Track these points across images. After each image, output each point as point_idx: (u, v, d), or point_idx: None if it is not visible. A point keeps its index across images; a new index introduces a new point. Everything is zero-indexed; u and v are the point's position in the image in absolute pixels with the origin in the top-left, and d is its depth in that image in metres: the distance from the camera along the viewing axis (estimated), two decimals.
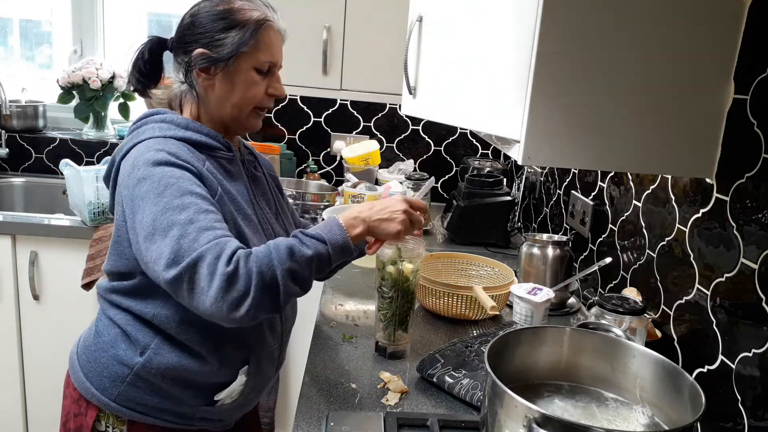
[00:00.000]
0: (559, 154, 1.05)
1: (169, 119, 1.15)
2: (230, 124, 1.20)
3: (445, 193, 2.84)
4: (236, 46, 1.13)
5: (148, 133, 1.12)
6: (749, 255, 1.03)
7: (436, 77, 1.39)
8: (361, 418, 1.08)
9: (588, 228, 1.75)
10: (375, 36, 2.32)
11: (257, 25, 1.15)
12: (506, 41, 1.08)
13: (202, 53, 1.14)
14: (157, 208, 1.00)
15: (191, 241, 0.97)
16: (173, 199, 1.00)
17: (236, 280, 0.95)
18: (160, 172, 1.03)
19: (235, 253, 0.97)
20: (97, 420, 1.15)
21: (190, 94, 1.18)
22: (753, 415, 1.00)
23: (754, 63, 1.02)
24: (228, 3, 1.15)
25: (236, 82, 1.16)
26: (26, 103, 2.78)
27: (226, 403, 1.19)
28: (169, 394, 1.14)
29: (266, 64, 1.17)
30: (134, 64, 1.21)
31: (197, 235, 0.97)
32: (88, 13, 2.79)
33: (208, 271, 0.95)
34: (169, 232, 0.98)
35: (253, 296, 0.96)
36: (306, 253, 1.02)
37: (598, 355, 1.02)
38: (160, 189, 1.01)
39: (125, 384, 1.12)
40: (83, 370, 1.17)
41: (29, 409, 2.28)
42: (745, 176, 1.04)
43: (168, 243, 0.97)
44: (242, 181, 1.21)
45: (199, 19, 1.15)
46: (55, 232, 2.14)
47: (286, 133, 2.82)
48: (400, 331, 1.33)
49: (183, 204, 1.00)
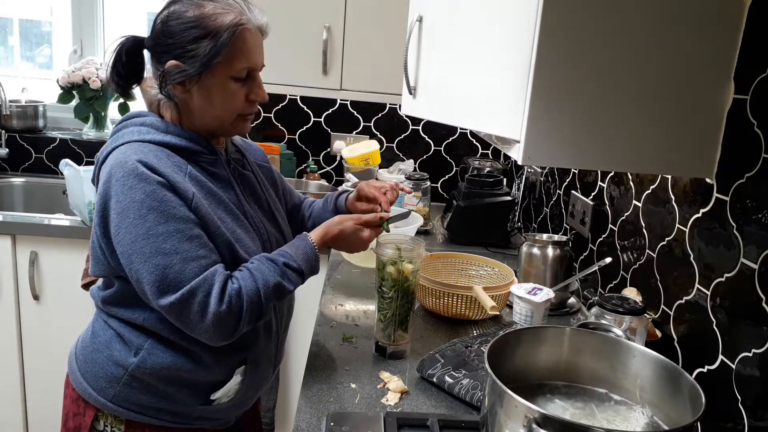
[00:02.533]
0: (559, 154, 1.05)
1: (149, 123, 1.12)
2: (215, 131, 1.17)
3: (445, 193, 2.84)
4: (208, 57, 1.06)
5: (127, 137, 1.09)
6: (749, 255, 1.03)
7: (436, 77, 1.39)
8: (361, 418, 1.08)
9: (588, 228, 1.75)
10: (375, 36, 2.32)
11: (230, 31, 1.07)
12: (506, 41, 1.08)
13: (175, 66, 1.08)
14: (138, 231, 1.02)
15: (177, 273, 1.01)
16: (156, 225, 1.02)
17: (229, 319, 1.05)
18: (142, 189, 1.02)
19: (224, 290, 1.04)
20: (95, 419, 1.16)
21: (168, 102, 1.13)
22: (753, 415, 1.00)
23: (754, 63, 1.02)
24: (199, 7, 1.07)
25: (213, 94, 1.10)
26: (26, 103, 2.78)
27: (222, 402, 1.19)
28: (165, 394, 1.14)
29: (244, 71, 1.11)
30: (113, 66, 1.14)
31: (182, 267, 1.02)
32: (88, 13, 2.79)
33: (199, 308, 1.02)
34: (152, 259, 1.01)
35: (242, 329, 1.08)
36: (289, 288, 1.12)
37: (598, 355, 1.02)
38: (142, 211, 1.01)
39: (121, 384, 1.12)
40: (81, 371, 1.17)
41: (29, 409, 2.28)
42: (745, 176, 1.04)
43: (149, 269, 1.01)
44: (229, 184, 1.18)
45: (170, 27, 1.08)
46: (55, 232, 2.14)
47: (286, 133, 2.82)
48: (400, 331, 1.33)
49: (167, 231, 1.02)
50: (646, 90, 1.03)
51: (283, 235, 1.30)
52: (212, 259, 1.06)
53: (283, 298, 1.13)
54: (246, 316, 1.06)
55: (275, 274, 1.10)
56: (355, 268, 1.88)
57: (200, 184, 1.11)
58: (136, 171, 1.03)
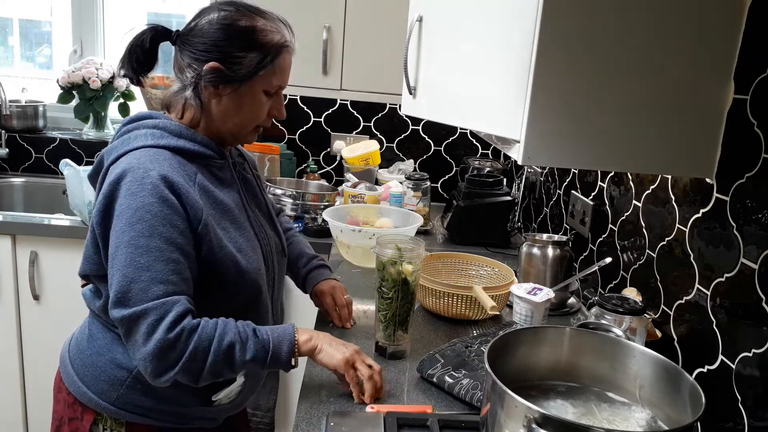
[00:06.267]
0: (559, 154, 1.05)
1: (162, 125, 1.11)
2: (227, 138, 1.19)
3: (445, 193, 2.84)
4: (254, 69, 1.11)
5: (141, 141, 1.09)
6: (749, 255, 1.03)
7: (436, 77, 1.39)
8: (361, 418, 1.08)
9: (588, 228, 1.75)
10: (375, 36, 2.32)
11: (277, 50, 1.13)
12: (506, 41, 1.08)
13: (216, 68, 1.10)
14: (123, 237, 1.01)
15: (140, 290, 0.99)
16: (140, 237, 1.00)
17: (171, 352, 1.00)
18: (142, 199, 1.01)
19: (179, 321, 1.00)
20: (94, 424, 1.15)
21: (193, 101, 1.13)
22: (753, 415, 1.00)
23: (754, 63, 1.02)
24: (251, 19, 1.11)
25: (244, 102, 1.14)
26: (26, 103, 2.78)
27: (223, 403, 1.19)
28: (167, 396, 1.13)
29: (276, 88, 1.17)
30: (131, 50, 1.14)
31: (148, 286, 0.99)
32: (88, 13, 2.79)
33: (146, 330, 0.99)
34: (124, 269, 1.00)
35: (176, 372, 1.01)
36: (243, 358, 1.05)
37: (598, 355, 1.02)
38: (133, 219, 1.01)
39: (124, 387, 1.12)
40: (78, 375, 1.16)
41: (29, 409, 2.28)
42: (745, 176, 1.04)
43: (119, 278, 1.00)
44: (235, 188, 1.21)
45: (218, 30, 1.10)
46: (55, 232, 2.14)
47: (286, 133, 2.82)
48: (400, 332, 1.33)
49: (148, 246, 1.00)
50: (646, 90, 1.03)
51: (280, 238, 1.33)
52: (181, 288, 1.03)
53: (232, 366, 1.05)
54: (188, 357, 1.00)
55: (232, 335, 1.04)
56: (355, 268, 1.88)
57: (207, 194, 1.11)
58: (147, 180, 1.02)
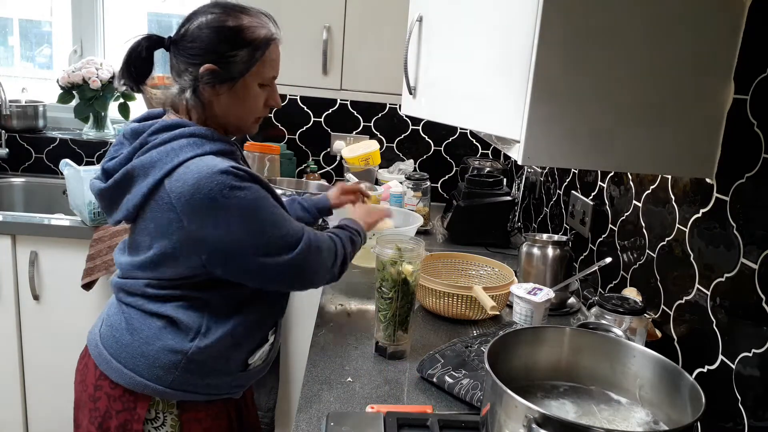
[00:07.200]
0: (559, 154, 1.05)
1: (199, 133, 1.16)
2: (231, 130, 1.26)
3: (445, 193, 2.84)
4: (246, 65, 1.17)
5: (189, 152, 1.12)
6: (749, 255, 1.03)
7: (436, 77, 1.39)
8: (361, 418, 1.08)
9: (588, 228, 1.75)
10: (375, 36, 2.32)
11: (266, 44, 1.19)
12: (506, 41, 1.08)
13: (211, 69, 1.16)
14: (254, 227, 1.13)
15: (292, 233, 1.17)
16: (268, 215, 1.15)
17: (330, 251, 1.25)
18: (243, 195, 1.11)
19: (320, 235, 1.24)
20: (148, 410, 1.19)
21: (194, 101, 1.20)
22: (753, 415, 1.00)
23: (754, 63, 1.02)
24: (237, 18, 1.17)
25: (241, 96, 1.21)
26: (26, 103, 2.78)
27: (257, 365, 1.28)
28: (215, 369, 1.20)
29: (270, 79, 1.23)
30: (128, 60, 1.20)
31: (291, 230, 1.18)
32: (88, 13, 2.79)
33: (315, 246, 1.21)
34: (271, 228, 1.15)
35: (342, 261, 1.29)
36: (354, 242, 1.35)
37: (598, 355, 1.02)
38: (250, 212, 1.12)
39: (180, 369, 1.17)
40: (128, 366, 1.18)
41: (29, 409, 2.27)
42: (745, 176, 1.04)
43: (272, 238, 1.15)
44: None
45: (208, 33, 1.16)
46: (55, 232, 2.14)
47: (286, 133, 2.82)
48: (400, 332, 1.33)
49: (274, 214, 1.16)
50: (646, 90, 1.04)
51: None
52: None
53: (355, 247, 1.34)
54: (340, 248, 1.28)
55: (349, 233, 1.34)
56: (355, 268, 1.88)
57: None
58: (226, 175, 1.09)
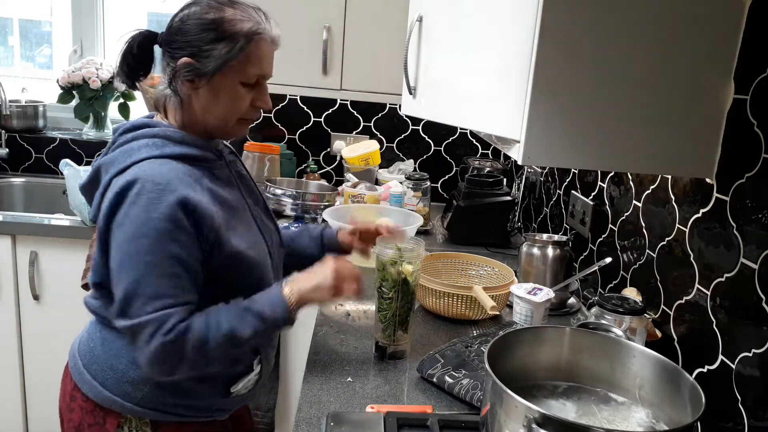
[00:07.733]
0: (559, 154, 1.05)
1: (162, 134, 1.12)
2: (214, 132, 1.18)
3: (445, 193, 2.84)
4: (223, 60, 1.10)
5: (144, 152, 1.09)
6: (749, 255, 1.03)
7: (436, 77, 1.39)
8: (361, 418, 1.08)
9: (588, 228, 1.75)
10: (375, 36, 2.32)
11: (247, 38, 1.11)
12: (506, 41, 1.08)
13: (187, 63, 1.10)
14: (127, 248, 1.03)
15: (140, 305, 1.02)
16: (143, 253, 1.02)
17: (172, 353, 1.03)
18: (150, 216, 1.02)
19: (176, 327, 1.02)
20: (118, 427, 1.15)
21: (174, 99, 1.15)
22: (753, 415, 1.00)
23: (754, 63, 1.02)
24: (219, 11, 1.11)
25: (221, 95, 1.13)
26: (26, 103, 2.78)
27: (241, 393, 1.21)
28: (190, 391, 1.15)
29: (254, 78, 1.14)
30: (123, 57, 1.17)
31: (147, 301, 1.02)
32: (88, 13, 2.79)
33: (146, 339, 1.02)
34: (126, 282, 1.03)
35: (183, 367, 1.05)
36: (244, 335, 1.06)
37: (598, 355, 1.02)
38: (138, 233, 1.02)
39: (149, 386, 1.12)
40: (97, 380, 1.15)
41: (29, 410, 2.28)
42: (745, 176, 1.04)
43: (120, 291, 1.03)
44: (234, 185, 1.21)
45: (188, 26, 1.11)
46: (55, 232, 2.14)
47: (286, 133, 2.82)
48: (400, 332, 1.33)
49: (150, 262, 1.02)
50: (646, 90, 1.04)
51: (277, 229, 1.33)
52: (180, 300, 1.05)
53: (239, 343, 1.07)
54: (191, 351, 1.03)
55: (230, 319, 1.07)
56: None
57: (215, 197, 1.12)
58: (163, 201, 1.02)
